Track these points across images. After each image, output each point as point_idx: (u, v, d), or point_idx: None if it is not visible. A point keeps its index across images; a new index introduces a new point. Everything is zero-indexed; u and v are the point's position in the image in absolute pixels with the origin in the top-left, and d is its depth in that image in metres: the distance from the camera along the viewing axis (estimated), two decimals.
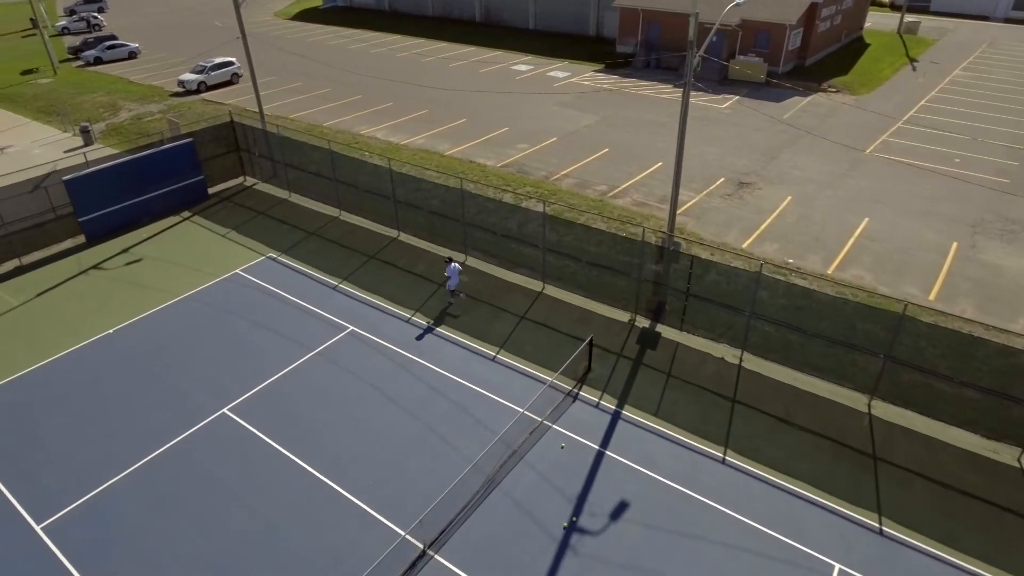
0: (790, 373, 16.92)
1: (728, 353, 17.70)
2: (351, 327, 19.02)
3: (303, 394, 16.57)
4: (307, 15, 71.11)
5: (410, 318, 19.37)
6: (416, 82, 43.31)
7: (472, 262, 22.03)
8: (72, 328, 19.13)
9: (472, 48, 53.61)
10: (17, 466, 14.65)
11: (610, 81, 43.45)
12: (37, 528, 13.35)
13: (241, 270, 21.82)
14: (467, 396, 16.39)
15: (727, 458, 14.52)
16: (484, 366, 17.39)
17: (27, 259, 22.60)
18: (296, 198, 26.75)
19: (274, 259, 22.47)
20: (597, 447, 14.85)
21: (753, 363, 17.32)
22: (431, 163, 29.80)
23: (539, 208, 24.01)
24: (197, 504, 13.73)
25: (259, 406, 16.23)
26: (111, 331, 19.00)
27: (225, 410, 16.14)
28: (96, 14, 66.13)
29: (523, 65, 48.05)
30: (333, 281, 21.21)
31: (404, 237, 23.68)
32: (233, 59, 43.86)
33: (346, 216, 25.25)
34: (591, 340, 16.99)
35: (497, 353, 17.87)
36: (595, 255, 19.22)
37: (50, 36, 56.72)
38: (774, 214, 25.01)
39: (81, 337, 18.74)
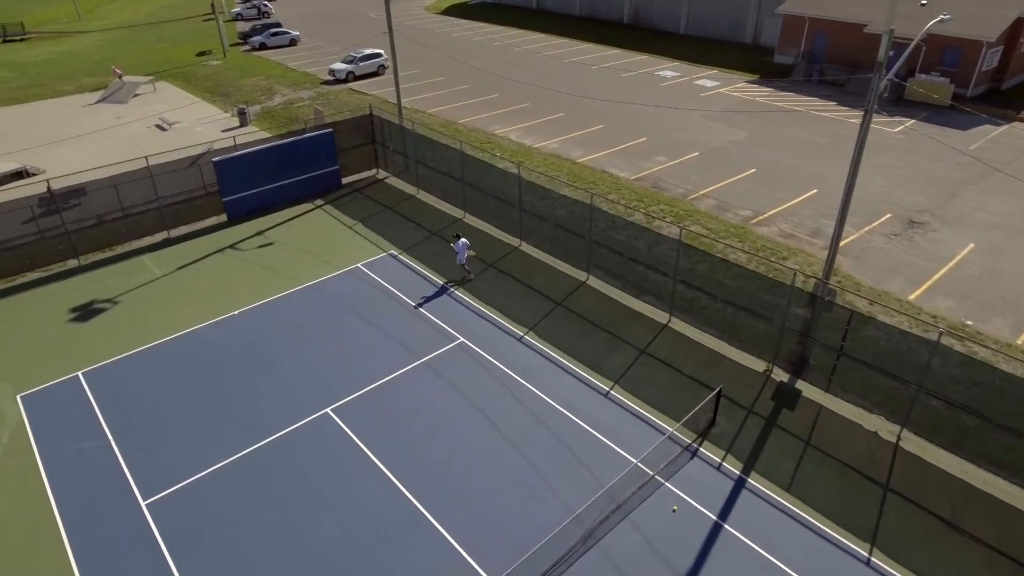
0: (962, 464, 14.12)
1: (883, 427, 15.12)
2: (461, 338, 18.33)
3: (405, 404, 16.06)
4: (456, 10, 72.40)
5: (522, 336, 18.38)
6: (555, 83, 42.36)
7: (594, 283, 20.66)
8: (203, 305, 19.93)
9: (616, 50, 51.86)
10: (137, 438, 15.23)
11: (764, 94, 40.16)
12: (142, 504, 13.71)
13: (362, 264, 21.86)
14: (573, 433, 15.12)
15: (872, 559, 12.22)
16: (595, 402, 16.03)
17: (175, 232, 24.03)
18: (424, 195, 26.64)
19: (395, 256, 22.34)
20: (714, 517, 13.06)
21: (914, 444, 14.66)
22: (561, 170, 28.68)
23: (673, 232, 22.16)
24: (289, 504, 13.53)
25: (361, 410, 15.91)
26: (236, 312, 19.58)
27: (328, 410, 15.96)
28: (267, 2, 71.10)
29: (669, 71, 45.68)
30: (448, 286, 20.68)
31: (526, 247, 22.74)
32: (381, 51, 45.12)
33: (470, 219, 24.73)
34: (719, 392, 15.11)
35: (611, 389, 16.43)
36: (732, 291, 17.21)
37: (225, 21, 61.60)
38: (951, 263, 21.51)
39: (209, 315, 19.45)
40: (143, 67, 47.97)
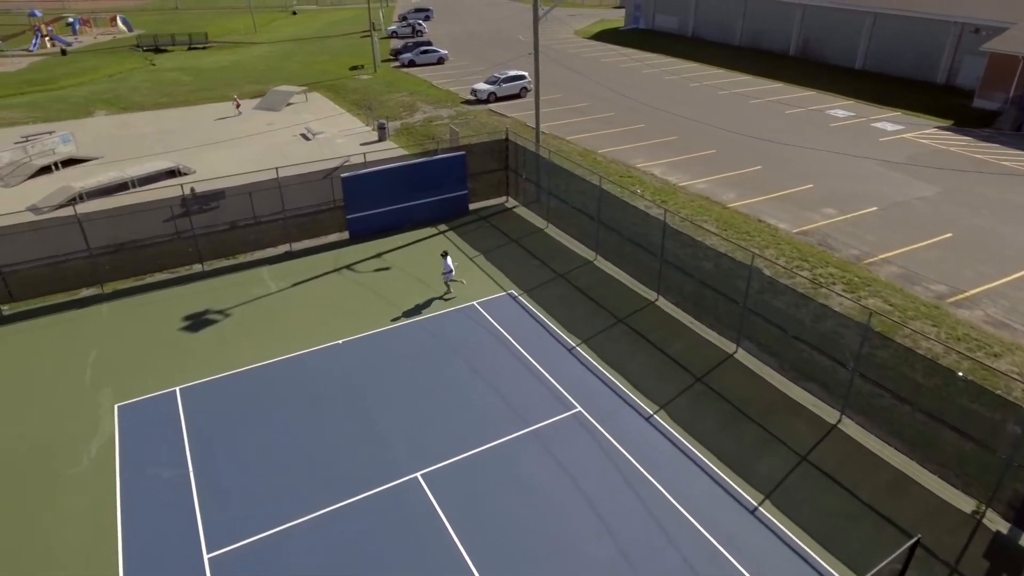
0: None
1: None
2: (579, 407, 15.69)
3: (505, 481, 13.64)
4: (606, 35, 70.56)
5: (651, 415, 15.41)
6: (708, 116, 38.86)
7: (744, 358, 17.25)
8: (310, 328, 18.79)
9: (779, 84, 47.31)
10: (215, 473, 13.96)
11: (960, 143, 34.28)
12: (205, 556, 12.26)
13: (479, 302, 19.89)
14: (707, 557, 11.95)
15: None
16: (738, 518, 12.74)
17: (297, 245, 23.44)
18: (553, 230, 24.38)
19: (514, 297, 20.18)
20: None
21: None
22: (710, 214, 25.34)
23: (846, 303, 18.21)
24: None
25: (454, 481, 13.69)
26: (340, 341, 18.23)
27: (418, 475, 13.90)
28: (421, 22, 73.19)
29: (841, 110, 40.62)
30: (571, 340, 18.13)
31: (664, 304, 19.72)
32: (525, 73, 43.92)
33: (602, 263, 22.09)
34: (916, 542, 11.32)
35: (759, 504, 13.05)
36: (927, 392, 13.26)
37: (381, 38, 63.75)
38: None
39: (314, 340, 18.24)
40: (301, 77, 50.12)
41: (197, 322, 19.20)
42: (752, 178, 29.32)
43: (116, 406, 16.01)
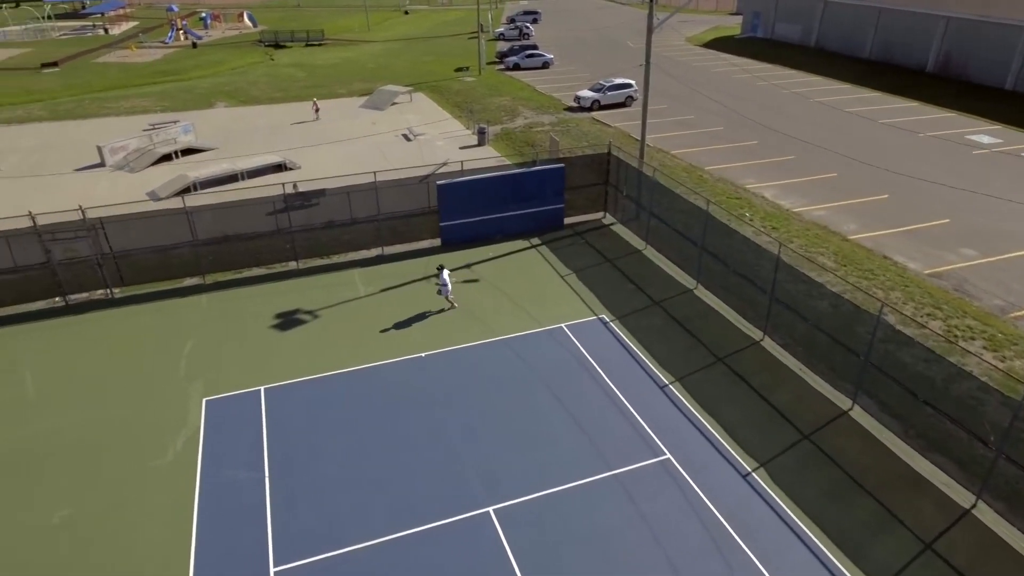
0: None
1: None
2: (668, 454, 14.43)
3: (581, 527, 12.65)
4: (720, 44, 67.53)
5: (749, 472, 13.93)
6: (829, 136, 35.98)
7: (861, 417, 15.35)
8: (394, 337, 18.51)
9: (914, 103, 43.28)
10: (290, 482, 13.79)
11: None
12: (272, 570, 12.07)
13: (567, 325, 18.94)
14: None
15: None
16: None
17: (389, 249, 23.37)
18: (651, 252, 23.02)
19: (605, 323, 19.08)
20: None
21: None
22: (827, 246, 23.14)
23: (986, 359, 15.83)
24: None
25: (527, 520, 12.85)
26: (423, 354, 17.81)
27: (491, 510, 13.16)
28: (529, 24, 72.88)
29: (986, 136, 36.52)
30: (663, 377, 16.85)
31: (770, 345, 18.01)
32: (632, 82, 42.44)
33: (702, 292, 20.55)
34: None
35: None
36: None
37: (488, 40, 63.94)
38: None
39: (397, 350, 17.93)
40: (407, 77, 50.93)
41: (287, 321, 19.39)
42: (878, 208, 26.65)
43: (204, 400, 16.30)
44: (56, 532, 12.89)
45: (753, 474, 13.88)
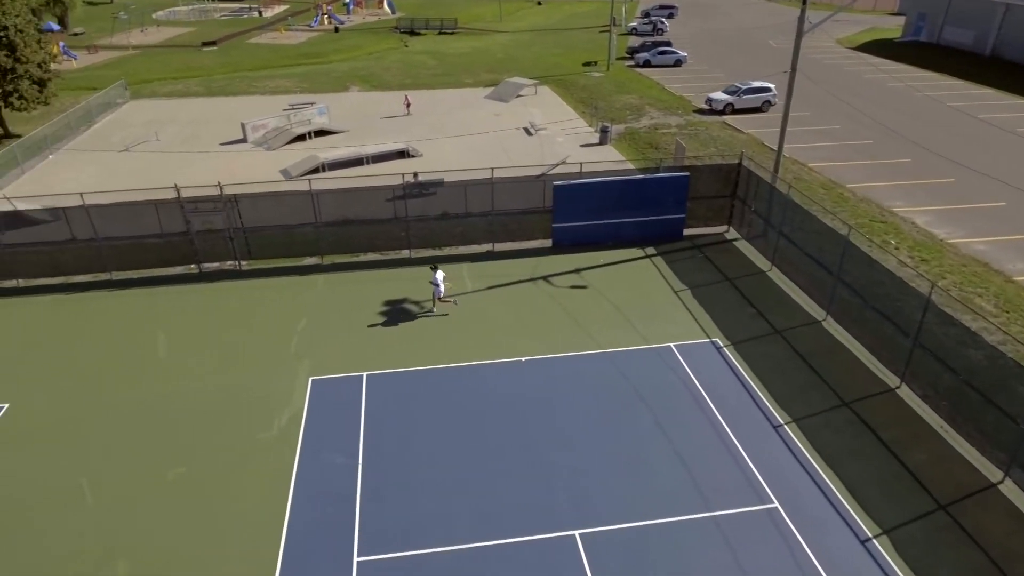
0: None
1: None
2: (776, 502, 13.19)
3: (670, 567, 11.81)
4: (876, 47, 61.93)
5: (870, 539, 12.43)
6: (999, 160, 31.86)
7: (1011, 491, 13.30)
8: (496, 337, 18.30)
9: None
10: (381, 473, 13.93)
11: None
12: (355, 558, 12.21)
13: (676, 345, 17.90)
14: None
15: None
16: None
17: (500, 246, 23.20)
18: (776, 275, 21.31)
19: (719, 348, 17.84)
20: None
21: None
22: (988, 286, 20.40)
23: None
24: None
25: (613, 550, 12.17)
26: (523, 359, 17.47)
27: (577, 533, 12.60)
28: (664, 20, 70.33)
29: None
30: (778, 415, 15.46)
31: (907, 394, 16.05)
32: (771, 85, 39.73)
33: (832, 326, 18.72)
34: None
35: None
36: None
37: (620, 35, 62.34)
38: None
39: (497, 352, 17.69)
40: (534, 70, 50.71)
41: (394, 309, 19.70)
42: None
43: (311, 379, 16.86)
44: (169, 487, 13.76)
45: (874, 540, 12.38)
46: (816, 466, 14.05)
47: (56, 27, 64.26)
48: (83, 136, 35.84)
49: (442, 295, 19.09)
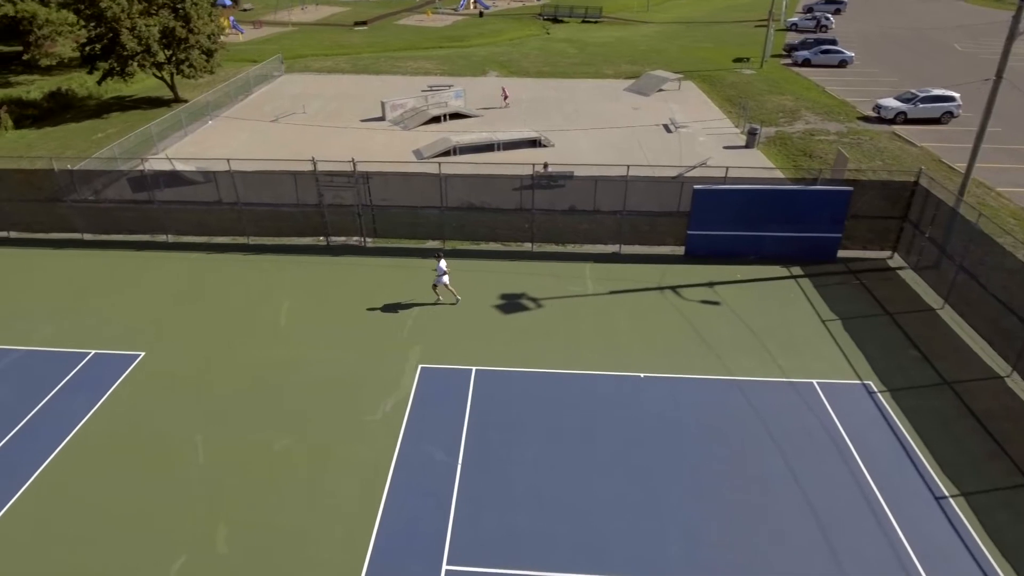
0: None
1: None
2: None
3: None
4: None
5: None
6: None
7: None
8: (613, 347, 17.02)
9: None
10: (480, 479, 13.20)
11: None
12: (444, 565, 11.58)
13: (820, 383, 15.75)
14: None
15: None
16: None
17: (627, 248, 21.79)
18: (950, 314, 18.31)
19: (871, 392, 15.49)
20: None
21: None
22: None
23: None
24: None
25: None
26: (642, 375, 16.09)
27: None
28: (829, 15, 64.54)
29: None
30: (943, 486, 13.07)
31: None
32: (955, 94, 34.89)
33: (1019, 384, 15.71)
34: None
35: None
36: None
37: (777, 30, 57.83)
38: None
39: (613, 363, 16.41)
40: (678, 63, 48.12)
41: (510, 303, 18.95)
42: None
43: (420, 366, 16.49)
44: (274, 458, 13.83)
45: None
46: (987, 554, 11.67)
47: (228, 2, 69.64)
48: (239, 105, 38.18)
49: (445, 284, 18.47)
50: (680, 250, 21.46)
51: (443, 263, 18.37)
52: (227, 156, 22.85)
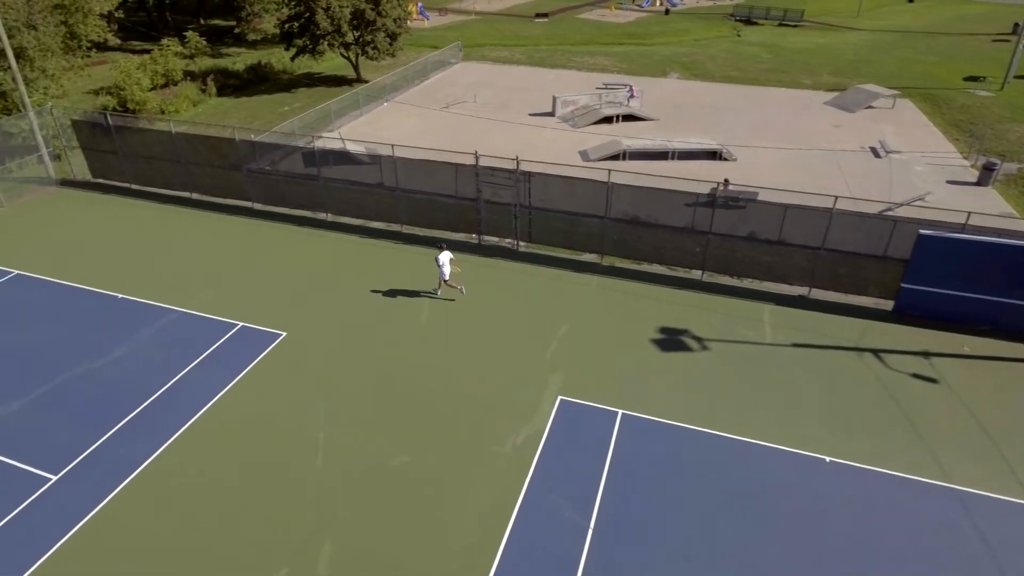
0: None
1: None
2: None
3: None
4: None
5: None
6: None
7: None
8: (790, 416, 14.05)
9: None
10: (617, 551, 11.13)
11: None
12: None
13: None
14: None
15: None
16: None
17: (818, 293, 18.35)
18: None
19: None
20: None
21: None
22: None
23: None
24: None
25: None
26: (827, 458, 13.02)
27: None
28: None
29: None
30: None
31: None
32: None
33: None
34: None
35: None
36: None
37: None
38: None
39: (789, 435, 13.48)
40: (893, 79, 41.86)
41: (670, 340, 16.50)
42: None
43: (559, 398, 14.65)
44: (389, 475, 12.74)
45: None
46: None
47: None
48: (414, 89, 38.50)
49: (447, 279, 16.98)
50: (888, 304, 17.66)
51: (444, 255, 17.25)
52: (395, 140, 22.42)
